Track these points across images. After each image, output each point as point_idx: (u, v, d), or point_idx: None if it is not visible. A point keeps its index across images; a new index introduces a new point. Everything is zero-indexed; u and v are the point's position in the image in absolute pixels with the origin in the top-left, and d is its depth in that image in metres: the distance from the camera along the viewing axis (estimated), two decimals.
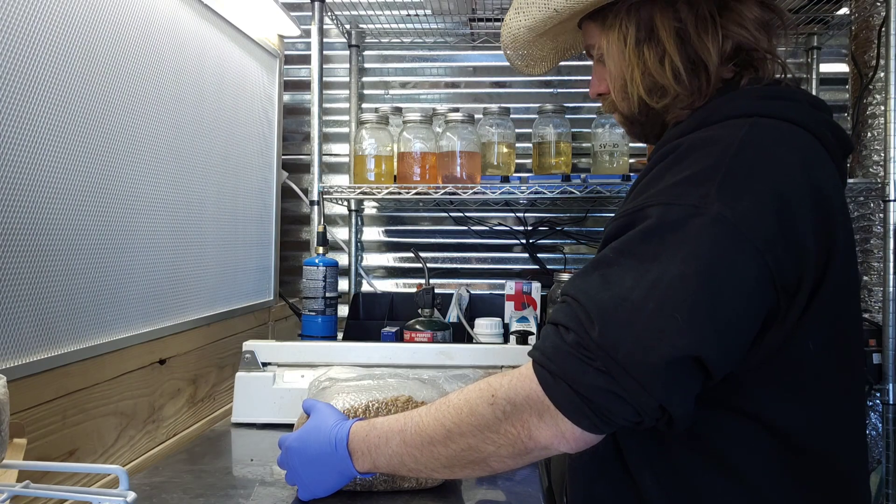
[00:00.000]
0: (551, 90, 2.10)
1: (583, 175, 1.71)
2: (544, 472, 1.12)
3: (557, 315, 0.78)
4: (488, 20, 1.98)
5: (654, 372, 0.71)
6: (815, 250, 0.77)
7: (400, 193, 1.74)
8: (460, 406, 0.81)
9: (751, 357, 0.79)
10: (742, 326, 0.75)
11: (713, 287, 0.73)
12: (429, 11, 1.91)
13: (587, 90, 2.08)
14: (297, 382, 1.35)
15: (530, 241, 2.09)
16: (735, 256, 0.74)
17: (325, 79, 2.03)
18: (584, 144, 2.02)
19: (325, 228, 1.71)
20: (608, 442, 0.84)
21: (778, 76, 0.94)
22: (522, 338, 1.76)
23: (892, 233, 1.61)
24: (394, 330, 1.55)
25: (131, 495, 0.71)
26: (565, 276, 1.72)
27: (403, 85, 2.15)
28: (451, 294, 2.00)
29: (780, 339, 0.78)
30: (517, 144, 1.87)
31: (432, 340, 1.48)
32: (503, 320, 1.71)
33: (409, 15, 1.94)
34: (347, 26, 2.06)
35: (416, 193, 1.72)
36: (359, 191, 1.76)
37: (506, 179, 1.72)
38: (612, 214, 2.06)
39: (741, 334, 0.76)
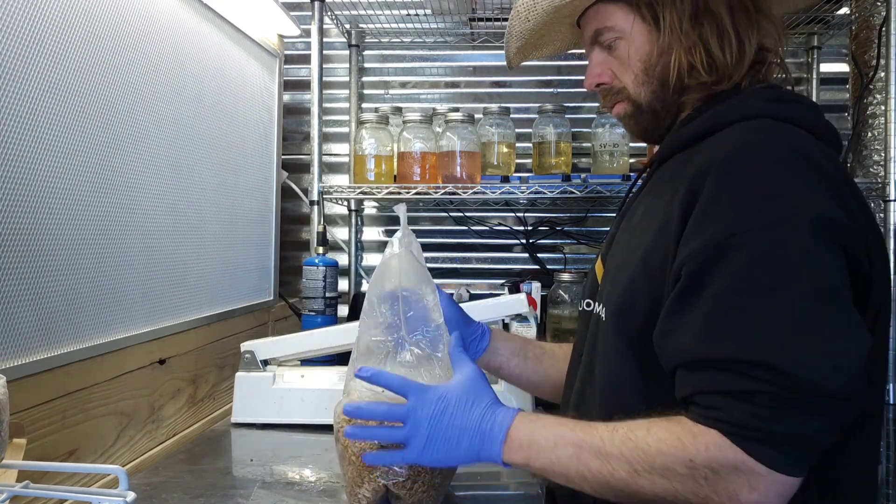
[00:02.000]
0: (551, 90, 2.10)
1: (583, 175, 1.71)
2: None
3: (715, 384, 0.75)
4: (488, 20, 1.98)
5: (855, 383, 0.72)
6: (875, 249, 0.81)
7: (400, 193, 1.74)
8: (652, 453, 0.76)
9: None
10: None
11: (836, 288, 0.74)
12: (429, 11, 1.90)
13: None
14: (297, 382, 1.36)
15: (530, 241, 2.09)
16: (836, 256, 0.76)
17: (325, 79, 2.03)
18: (584, 144, 2.02)
19: (325, 228, 1.71)
20: None
21: (781, 76, 0.96)
22: (515, 287, 1.77)
23: (892, 233, 1.61)
24: None
25: (131, 495, 0.71)
26: (566, 276, 1.71)
27: (403, 85, 2.15)
28: (451, 294, 2.00)
29: None
30: (517, 144, 1.87)
31: None
32: (503, 320, 1.71)
33: (409, 15, 1.94)
34: (347, 26, 2.06)
35: (416, 193, 1.72)
36: (359, 191, 1.76)
37: (506, 179, 1.72)
38: (613, 215, 2.07)
39: None
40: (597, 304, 0.96)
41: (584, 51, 1.06)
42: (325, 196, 1.79)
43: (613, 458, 0.78)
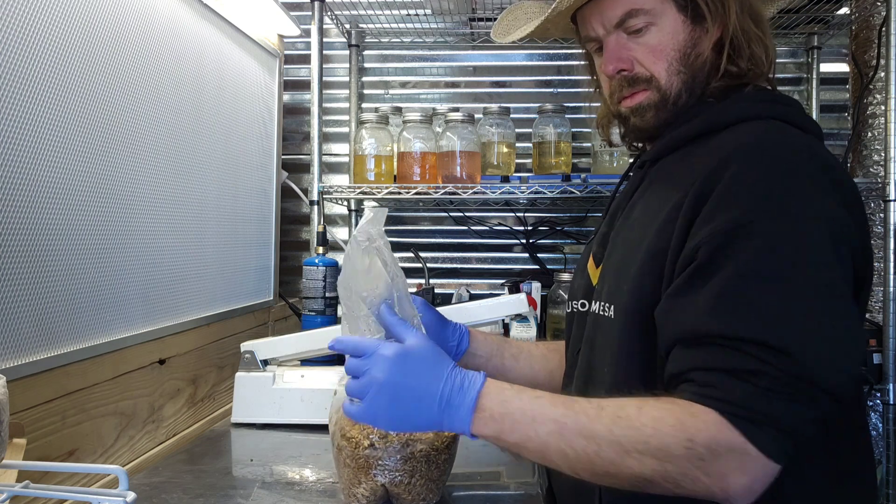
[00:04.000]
0: (551, 90, 2.10)
1: (583, 175, 1.71)
2: (544, 474, 1.11)
3: (717, 361, 0.74)
4: (488, 20, 1.98)
5: (852, 381, 0.75)
6: (868, 248, 0.84)
7: (400, 193, 1.74)
8: (647, 433, 0.73)
9: None
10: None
11: (839, 285, 0.76)
12: (429, 11, 1.91)
13: (587, 90, 2.09)
14: (297, 382, 1.35)
15: (530, 241, 2.09)
16: (843, 256, 0.77)
17: (325, 79, 2.03)
18: (584, 144, 2.02)
19: (325, 228, 1.71)
20: None
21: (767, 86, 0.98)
22: (515, 287, 1.77)
23: (892, 233, 1.61)
24: None
25: (131, 495, 0.71)
26: (566, 276, 1.71)
27: (403, 85, 2.15)
28: (451, 294, 2.00)
29: None
30: (517, 144, 1.87)
31: None
32: (503, 320, 1.71)
33: (409, 15, 1.94)
34: (347, 26, 2.06)
35: (416, 193, 1.72)
36: (359, 191, 1.76)
37: (506, 179, 1.72)
38: None
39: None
40: (595, 303, 0.95)
41: (583, 49, 1.04)
42: (325, 196, 1.79)
43: (601, 437, 0.75)
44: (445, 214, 2.12)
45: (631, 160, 1.83)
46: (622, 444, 0.74)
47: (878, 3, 1.79)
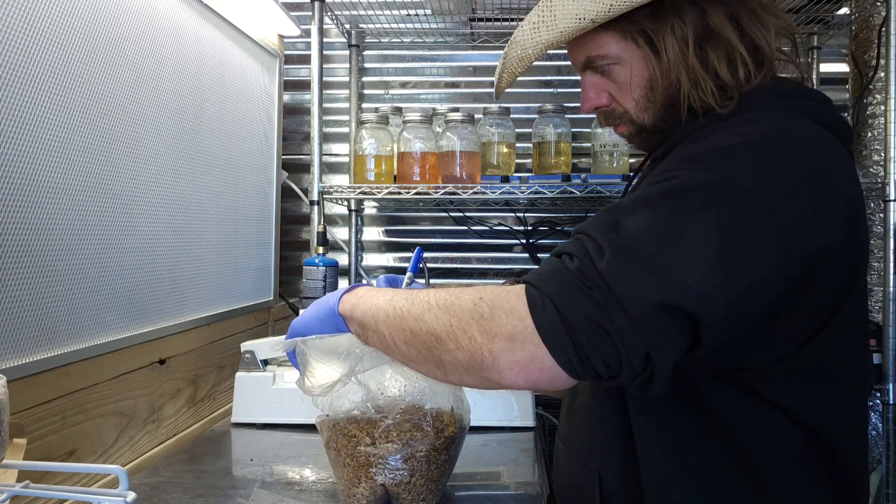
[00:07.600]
0: (551, 90, 2.10)
1: (583, 175, 1.71)
2: (545, 479, 1.11)
3: (563, 247, 0.76)
4: (488, 20, 1.98)
5: (649, 313, 0.68)
6: (844, 248, 0.78)
7: (400, 193, 1.74)
8: (455, 294, 0.78)
9: (778, 348, 0.79)
10: (748, 304, 0.73)
11: (731, 256, 0.70)
12: (429, 11, 1.91)
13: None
14: None
15: (530, 241, 2.09)
16: (760, 234, 0.72)
17: (325, 79, 2.03)
18: (584, 144, 2.02)
19: (325, 228, 1.70)
20: (627, 438, 0.86)
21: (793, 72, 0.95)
22: (516, 279, 1.77)
23: (892, 233, 1.61)
24: None
25: (131, 495, 0.71)
26: None
27: (403, 85, 2.15)
28: None
29: (808, 330, 0.78)
30: (517, 144, 1.87)
31: None
32: None
33: (409, 15, 1.94)
34: (347, 26, 2.06)
35: (416, 193, 1.72)
36: (359, 191, 1.76)
37: (506, 179, 1.72)
38: None
39: (746, 311, 0.74)
40: None
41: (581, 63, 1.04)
42: (325, 196, 1.79)
43: (420, 298, 0.79)
44: (445, 214, 2.12)
45: (632, 160, 1.85)
46: (430, 302, 0.78)
47: (878, 3, 1.79)
